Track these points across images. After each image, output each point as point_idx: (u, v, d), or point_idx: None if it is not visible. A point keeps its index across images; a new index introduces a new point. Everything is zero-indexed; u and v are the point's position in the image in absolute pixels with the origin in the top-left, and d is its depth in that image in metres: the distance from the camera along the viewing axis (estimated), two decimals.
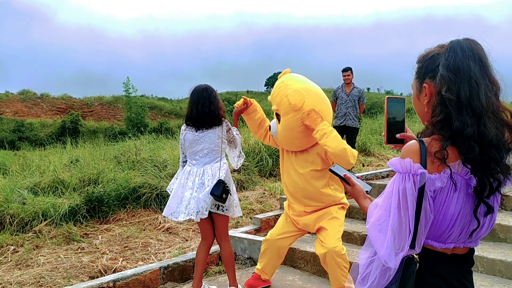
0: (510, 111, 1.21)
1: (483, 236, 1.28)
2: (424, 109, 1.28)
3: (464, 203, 1.19)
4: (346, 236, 4.35)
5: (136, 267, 3.86)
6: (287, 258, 4.00)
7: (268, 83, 54.87)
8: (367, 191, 1.47)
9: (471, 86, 1.17)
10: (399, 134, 1.41)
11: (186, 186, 3.16)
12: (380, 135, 9.92)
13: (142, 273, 3.57)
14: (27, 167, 7.95)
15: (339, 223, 3.15)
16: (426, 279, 1.23)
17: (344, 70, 7.20)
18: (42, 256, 4.29)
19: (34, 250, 4.50)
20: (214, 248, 3.92)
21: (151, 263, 3.99)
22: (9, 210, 5.19)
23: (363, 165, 7.79)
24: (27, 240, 4.74)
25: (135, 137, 13.66)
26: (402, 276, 1.20)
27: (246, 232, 4.47)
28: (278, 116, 3.12)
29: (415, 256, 1.21)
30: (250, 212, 5.33)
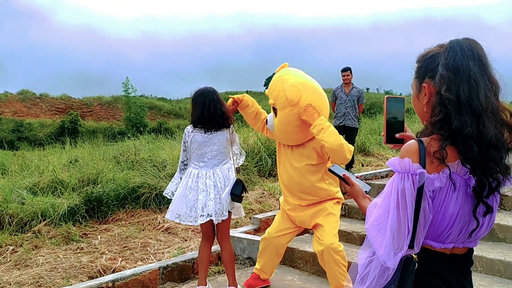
0: (509, 111, 1.21)
1: (482, 236, 1.27)
2: (424, 108, 1.28)
3: (463, 203, 1.19)
4: (345, 236, 4.35)
5: (135, 267, 3.86)
6: (286, 258, 4.00)
7: (267, 83, 54.81)
8: (366, 191, 1.48)
9: (470, 85, 1.16)
10: (399, 134, 1.41)
11: (198, 189, 3.12)
12: (379, 135, 9.93)
13: (141, 273, 3.57)
14: (26, 167, 7.93)
15: (335, 219, 3.16)
16: (425, 279, 1.23)
17: (343, 70, 7.20)
18: (41, 256, 4.29)
19: (33, 250, 4.50)
20: (213, 248, 3.91)
21: (150, 263, 3.99)
22: (8, 210, 5.19)
23: (362, 165, 7.79)
24: (26, 240, 4.74)
25: (134, 137, 13.64)
26: (400, 276, 1.19)
27: (246, 232, 4.48)
28: (275, 110, 3.11)
29: (414, 256, 1.20)
30: (249, 212, 5.33)
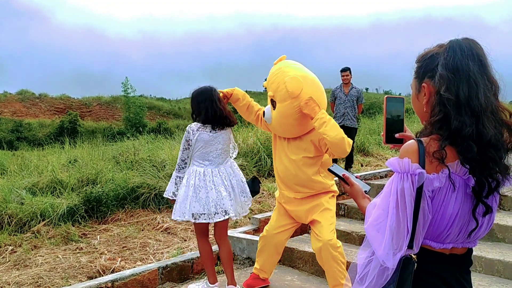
0: (509, 111, 1.21)
1: (481, 236, 1.27)
2: (423, 108, 1.28)
3: (463, 203, 1.19)
4: (345, 236, 4.35)
5: (134, 267, 3.86)
6: (285, 258, 3.99)
7: None
8: (365, 190, 1.47)
9: (470, 85, 1.16)
10: (398, 134, 1.41)
11: (207, 187, 3.12)
12: (379, 135, 9.93)
13: (140, 273, 3.57)
14: (25, 167, 7.92)
15: (331, 214, 3.16)
16: (424, 279, 1.23)
17: (343, 70, 7.20)
18: (41, 256, 4.28)
19: (32, 250, 4.50)
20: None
21: (150, 263, 3.98)
22: (7, 210, 5.18)
23: (362, 165, 7.79)
24: (25, 240, 4.73)
25: (134, 137, 13.62)
26: (400, 276, 1.19)
27: (245, 232, 4.47)
28: (273, 102, 3.09)
29: (413, 256, 1.20)
30: (248, 212, 5.32)
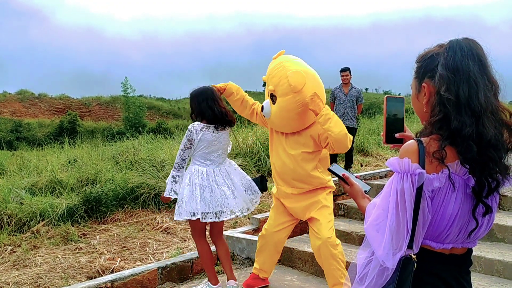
0: (509, 111, 1.21)
1: (481, 237, 1.27)
2: (423, 108, 1.28)
3: (463, 203, 1.19)
4: (344, 236, 4.35)
5: (134, 267, 3.85)
6: (285, 258, 3.99)
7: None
8: (365, 190, 1.47)
9: (470, 85, 1.16)
10: (398, 134, 1.41)
11: (211, 186, 3.13)
12: (378, 135, 9.93)
13: (140, 273, 3.57)
14: (24, 167, 7.93)
15: (329, 211, 3.16)
16: (424, 279, 1.23)
17: (342, 70, 7.21)
18: (40, 256, 4.28)
19: (32, 250, 4.49)
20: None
21: (149, 263, 3.98)
22: (6, 210, 5.18)
23: (361, 165, 7.79)
24: (25, 240, 4.73)
25: (133, 137, 13.64)
26: (399, 276, 1.19)
27: (244, 232, 4.46)
28: (273, 97, 3.07)
29: (413, 256, 1.20)
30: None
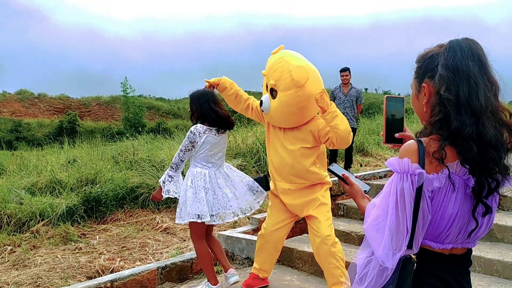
0: (509, 111, 1.21)
1: (481, 237, 1.27)
2: (423, 109, 1.28)
3: (462, 203, 1.19)
4: (344, 236, 4.35)
5: (133, 267, 3.85)
6: (284, 258, 3.99)
7: None
8: (365, 190, 1.47)
9: (470, 86, 1.16)
10: (398, 134, 1.41)
11: (214, 189, 3.15)
12: (378, 136, 9.93)
13: (139, 273, 3.57)
14: (24, 167, 7.92)
15: (327, 208, 3.17)
16: (424, 279, 1.23)
17: (342, 70, 7.21)
18: (40, 256, 4.28)
19: (32, 250, 4.49)
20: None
21: (149, 263, 3.98)
22: (6, 210, 5.18)
23: (361, 165, 7.79)
24: (25, 240, 4.73)
25: (133, 137, 13.64)
26: (399, 276, 1.19)
27: (244, 232, 4.46)
28: (273, 91, 3.05)
29: (413, 256, 1.20)
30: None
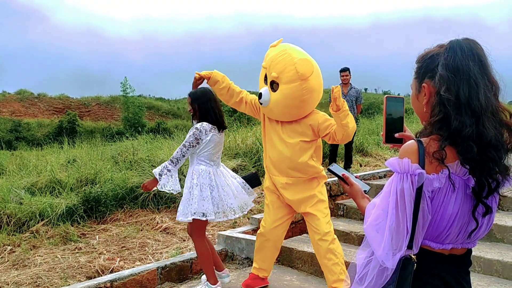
0: (509, 111, 1.21)
1: (481, 237, 1.27)
2: (423, 109, 1.28)
3: (462, 203, 1.19)
4: (344, 236, 4.35)
5: (133, 267, 3.85)
6: (284, 258, 3.99)
7: None
8: (365, 190, 1.47)
9: (470, 86, 1.16)
10: (398, 134, 1.41)
11: (218, 186, 3.21)
12: (378, 136, 9.93)
13: (139, 273, 3.56)
14: (24, 167, 7.92)
15: (325, 205, 3.18)
16: (424, 279, 1.23)
17: (342, 70, 7.21)
18: (39, 256, 4.28)
19: (31, 250, 4.49)
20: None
21: (149, 263, 3.98)
22: (6, 210, 5.17)
23: (361, 165, 7.79)
24: (24, 240, 4.72)
25: (133, 137, 13.62)
26: (399, 276, 1.19)
27: (244, 232, 4.46)
28: (273, 84, 3.01)
29: (413, 256, 1.20)
30: (247, 212, 5.31)
